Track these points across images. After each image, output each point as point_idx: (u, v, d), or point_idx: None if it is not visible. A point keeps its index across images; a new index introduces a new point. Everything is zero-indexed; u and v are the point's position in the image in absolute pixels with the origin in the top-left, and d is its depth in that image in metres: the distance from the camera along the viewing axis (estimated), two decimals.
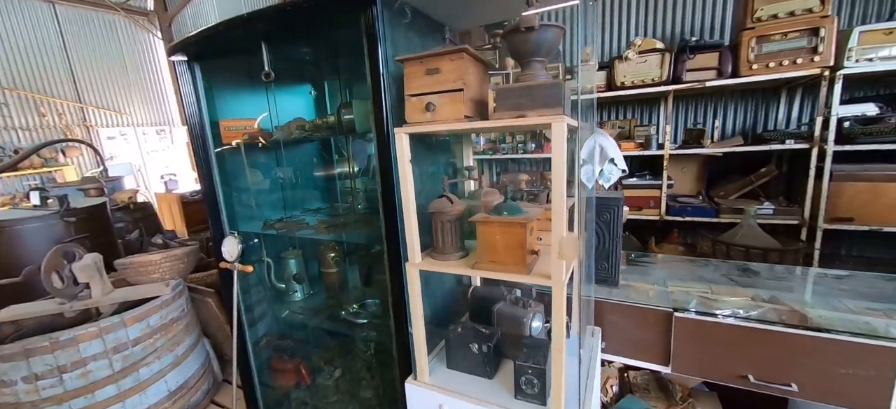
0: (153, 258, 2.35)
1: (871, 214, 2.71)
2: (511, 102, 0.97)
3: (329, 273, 1.93)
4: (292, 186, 2.29)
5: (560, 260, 0.96)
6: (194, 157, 1.86)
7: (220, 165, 1.91)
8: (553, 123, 0.90)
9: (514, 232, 1.03)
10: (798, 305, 1.52)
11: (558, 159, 0.91)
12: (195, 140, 1.83)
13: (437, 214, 1.18)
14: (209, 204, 1.90)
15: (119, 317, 2.08)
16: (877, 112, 2.77)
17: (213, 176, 1.86)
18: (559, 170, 0.91)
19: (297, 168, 2.29)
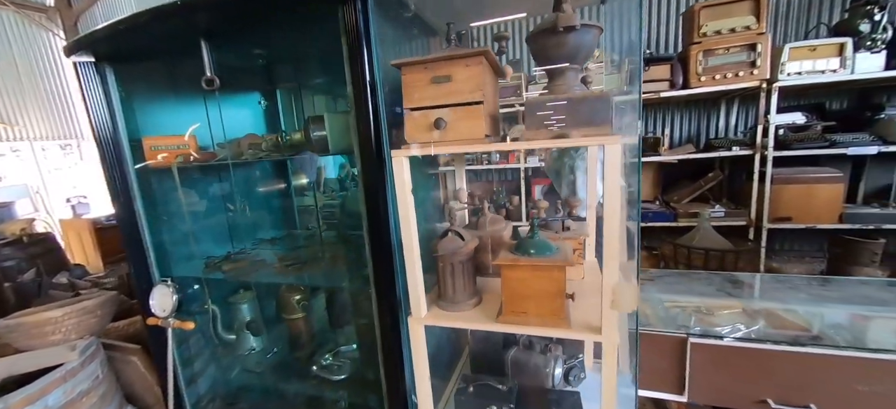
0: (51, 315, 1.79)
1: (806, 213, 2.93)
2: (548, 119, 0.77)
3: (293, 320, 1.58)
4: (242, 212, 1.89)
5: (614, 311, 0.77)
6: (109, 188, 1.41)
7: (146, 194, 1.48)
8: (607, 146, 0.71)
9: (550, 277, 0.82)
10: (794, 316, 1.51)
11: (613, 189, 0.72)
12: (109, 166, 1.39)
13: (445, 257, 0.94)
14: (131, 248, 1.46)
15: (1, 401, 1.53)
16: (804, 121, 3.02)
17: (134, 211, 1.43)
18: (614, 202, 0.72)
19: (246, 191, 1.90)
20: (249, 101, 1.97)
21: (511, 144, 0.80)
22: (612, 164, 0.71)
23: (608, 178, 0.71)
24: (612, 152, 0.71)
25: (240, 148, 1.37)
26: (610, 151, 0.71)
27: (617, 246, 0.75)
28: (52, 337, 1.82)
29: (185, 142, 1.47)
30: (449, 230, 0.95)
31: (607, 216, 0.73)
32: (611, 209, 0.72)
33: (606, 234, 0.74)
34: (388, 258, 1.03)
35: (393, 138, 0.94)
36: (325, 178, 1.97)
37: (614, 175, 0.71)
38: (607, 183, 0.71)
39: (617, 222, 0.73)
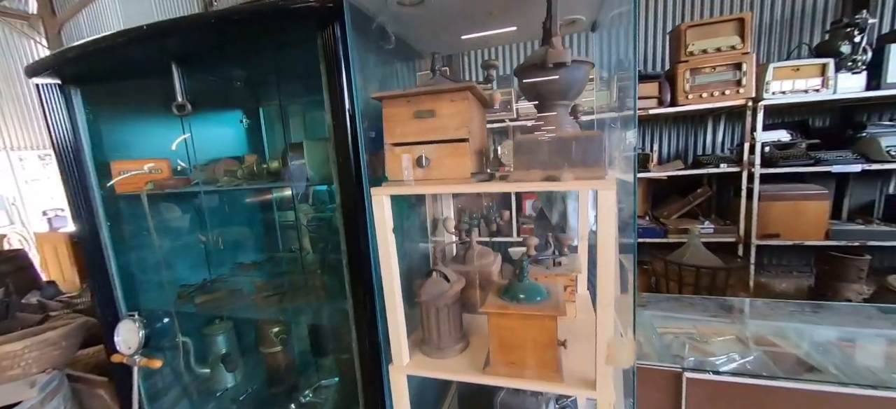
0: (10, 349, 1.66)
1: (793, 229, 2.94)
2: (536, 160, 0.71)
3: (272, 354, 1.48)
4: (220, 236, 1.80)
5: (610, 366, 0.71)
6: (72, 217, 1.32)
7: (114, 221, 1.39)
8: (600, 190, 0.66)
9: (541, 327, 0.76)
10: (788, 343, 1.47)
11: (608, 236, 0.67)
12: (73, 193, 1.30)
13: (429, 301, 0.87)
14: (96, 280, 1.36)
15: None
16: (789, 138, 3.05)
17: (100, 241, 1.33)
18: (609, 251, 0.67)
19: (224, 216, 1.81)
20: (231, 119, 1.90)
21: (498, 185, 0.74)
22: (606, 210, 0.66)
23: (602, 226, 0.66)
24: (606, 198, 0.66)
25: (214, 174, 1.29)
26: (604, 197, 0.66)
27: (611, 296, 0.69)
28: (11, 372, 1.69)
29: (158, 166, 1.38)
30: (433, 271, 0.89)
31: (601, 266, 0.67)
32: (605, 259, 0.67)
33: (600, 284, 0.69)
34: (370, 299, 0.96)
35: (375, 170, 0.87)
36: (314, 189, 1.89)
37: (609, 222, 0.66)
38: (601, 232, 0.66)
39: (612, 271, 0.68)
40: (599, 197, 0.66)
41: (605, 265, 0.67)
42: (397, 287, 0.84)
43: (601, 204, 0.66)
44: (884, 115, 3.04)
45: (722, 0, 3.32)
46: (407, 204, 1.18)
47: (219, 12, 0.91)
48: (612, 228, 0.66)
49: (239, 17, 0.91)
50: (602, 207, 0.66)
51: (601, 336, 0.70)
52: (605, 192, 0.66)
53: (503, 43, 3.26)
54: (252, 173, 1.18)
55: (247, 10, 0.92)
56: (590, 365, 0.81)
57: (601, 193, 0.66)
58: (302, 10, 0.85)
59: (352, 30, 0.81)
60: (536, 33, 0.75)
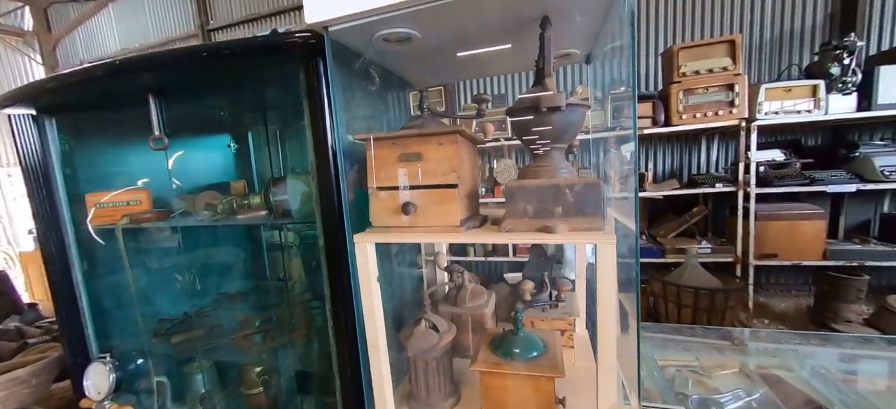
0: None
1: (790, 249, 2.91)
2: (530, 208, 0.66)
3: (253, 396, 1.39)
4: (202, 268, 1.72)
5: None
6: (43, 253, 1.24)
7: (88, 255, 1.31)
8: (600, 246, 0.61)
9: (538, 388, 0.70)
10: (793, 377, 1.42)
11: (608, 297, 0.61)
12: (44, 228, 1.22)
13: (418, 354, 0.81)
14: (65, 320, 1.28)
15: None
16: (783, 158, 3.05)
17: (71, 279, 1.25)
18: (609, 312, 0.61)
19: (207, 243, 1.74)
20: (218, 143, 1.84)
21: (488, 235, 0.68)
22: (605, 268, 0.60)
23: (602, 286, 0.60)
24: (606, 254, 0.60)
25: (195, 207, 1.23)
26: (603, 253, 0.60)
27: (613, 363, 0.63)
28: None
29: (137, 198, 1.31)
30: (422, 319, 0.83)
31: (602, 328, 0.62)
32: (605, 322, 0.61)
33: (601, 350, 0.63)
34: (354, 347, 0.89)
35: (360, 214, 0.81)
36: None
37: (608, 280, 0.60)
38: (601, 292, 0.60)
39: (612, 340, 0.62)
40: (599, 253, 0.61)
41: (606, 331, 0.61)
42: (382, 342, 0.78)
43: (601, 260, 0.61)
44: (875, 134, 3.05)
45: (712, 21, 3.36)
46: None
47: (196, 48, 0.86)
48: (612, 287, 0.61)
49: (219, 52, 0.86)
50: (602, 263, 0.61)
51: (603, 404, 0.64)
52: (604, 247, 0.60)
53: (500, 72, 3.27)
54: (232, 209, 1.12)
55: (228, 45, 0.87)
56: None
57: (600, 249, 0.61)
58: (284, 46, 0.80)
59: (334, 66, 0.76)
60: (530, 63, 0.71)
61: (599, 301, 0.61)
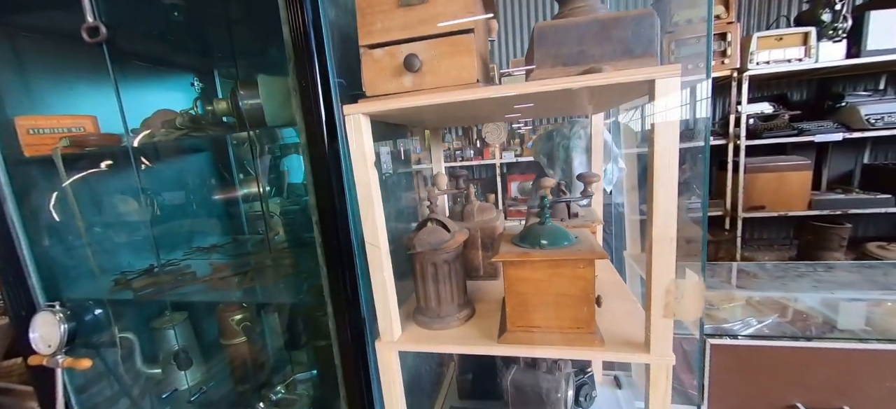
0: None
1: (777, 201, 2.92)
2: (568, 50, 0.52)
3: (235, 345, 1.24)
4: (170, 216, 1.53)
5: (668, 320, 0.54)
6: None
7: (25, 193, 1.11)
8: (659, 80, 0.48)
9: (574, 276, 0.58)
10: (802, 306, 1.37)
11: (667, 146, 0.49)
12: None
13: (426, 253, 0.67)
14: (3, 265, 1.08)
15: None
16: (771, 110, 3.03)
17: (5, 218, 1.05)
18: (670, 163, 0.49)
19: (174, 186, 1.54)
20: (181, 83, 1.62)
21: (517, 87, 0.54)
22: (667, 109, 0.48)
23: (661, 132, 0.48)
24: (667, 89, 0.48)
25: (150, 128, 1.04)
26: (664, 88, 0.48)
27: (672, 226, 0.51)
28: None
29: (80, 124, 1.11)
30: (428, 220, 0.69)
31: (658, 185, 0.49)
32: (664, 177, 0.49)
33: (657, 211, 0.51)
34: (348, 261, 0.75)
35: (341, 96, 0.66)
36: (287, 183, 1.66)
37: (670, 128, 0.48)
38: (660, 139, 0.48)
39: (673, 190, 0.50)
40: (659, 89, 0.48)
41: (666, 184, 0.49)
42: (383, 238, 0.64)
43: (660, 96, 0.48)
44: (859, 86, 3.06)
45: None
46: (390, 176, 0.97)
47: None
48: (674, 135, 0.48)
49: None
50: (662, 104, 0.48)
51: (657, 281, 0.52)
52: (666, 81, 0.48)
53: None
54: (194, 121, 0.94)
55: None
56: (629, 328, 0.63)
57: (660, 85, 0.48)
58: None
59: None
60: None
61: (659, 151, 0.48)
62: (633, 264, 1.01)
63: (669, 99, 0.48)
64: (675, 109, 0.48)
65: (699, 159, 0.72)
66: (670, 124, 0.48)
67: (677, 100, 0.48)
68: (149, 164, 1.36)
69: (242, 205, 1.72)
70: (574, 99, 0.69)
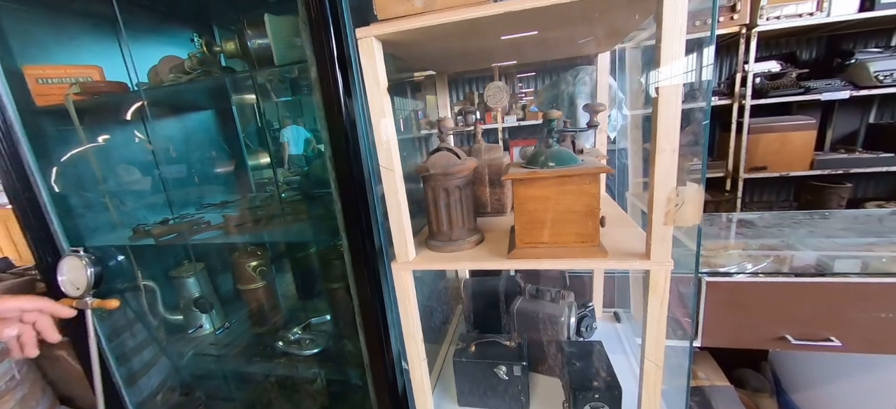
0: None
1: (780, 162, 2.93)
2: None
3: (252, 290, 1.30)
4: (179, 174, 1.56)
5: (668, 227, 0.57)
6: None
7: (40, 146, 1.13)
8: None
9: (581, 192, 0.61)
10: (799, 252, 1.41)
11: (674, 49, 0.51)
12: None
13: (438, 177, 0.70)
14: (26, 214, 1.11)
15: None
16: (779, 69, 2.98)
17: (24, 168, 1.07)
18: (674, 67, 0.51)
19: (184, 138, 1.56)
20: (177, 39, 1.60)
21: (527, 0, 0.55)
22: (679, 7, 0.49)
23: (669, 14, 0.50)
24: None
25: (158, 76, 1.05)
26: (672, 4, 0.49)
27: (675, 140, 0.54)
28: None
29: (87, 74, 1.12)
30: (440, 148, 0.72)
31: (662, 99, 0.52)
32: (668, 96, 0.51)
33: (661, 122, 0.53)
34: (361, 191, 0.79)
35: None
36: (289, 154, 1.68)
37: (678, 13, 0.50)
38: (667, 29, 0.50)
39: (677, 99, 0.52)
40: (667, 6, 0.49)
41: (667, 97, 0.51)
42: (397, 162, 0.66)
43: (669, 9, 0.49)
44: (870, 42, 3.00)
45: None
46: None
47: None
48: (680, 24, 0.50)
49: None
50: (671, 9, 0.49)
51: (659, 189, 0.55)
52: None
53: None
54: (202, 63, 0.95)
55: None
56: (630, 245, 0.67)
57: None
58: None
59: None
60: None
61: (663, 45, 0.50)
62: (636, 201, 1.04)
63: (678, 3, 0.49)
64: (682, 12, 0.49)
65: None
66: (677, 9, 0.49)
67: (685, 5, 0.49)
68: (157, 116, 1.38)
69: (249, 165, 1.75)
70: (580, 24, 0.70)
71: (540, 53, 1.01)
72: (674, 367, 0.77)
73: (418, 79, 1.10)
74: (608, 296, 1.23)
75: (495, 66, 3.12)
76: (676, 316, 1.21)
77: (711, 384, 1.53)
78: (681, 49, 0.51)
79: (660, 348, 0.65)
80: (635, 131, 1.13)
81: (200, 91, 1.48)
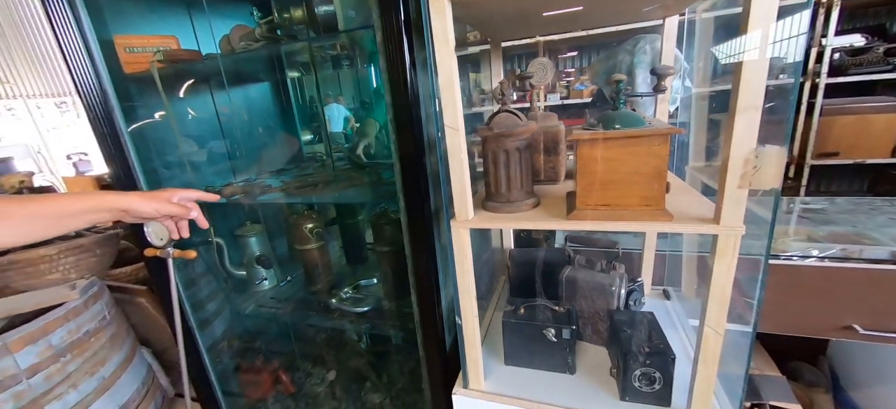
0: (45, 252, 1.64)
1: (855, 148, 2.66)
2: None
3: (307, 251, 1.40)
4: (242, 142, 1.69)
5: (742, 190, 0.56)
6: (83, 102, 1.19)
7: (128, 107, 1.27)
8: None
9: (649, 153, 0.61)
10: (871, 241, 1.30)
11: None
12: (79, 70, 1.16)
13: (501, 138, 0.72)
14: (116, 166, 1.26)
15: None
16: (863, 43, 2.67)
17: (115, 128, 1.21)
18: (764, 27, 0.50)
19: (247, 108, 1.69)
20: (236, 13, 1.70)
21: None
22: None
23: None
24: None
25: (230, 44, 1.13)
26: None
27: (759, 98, 0.52)
28: (50, 276, 1.68)
29: (171, 43, 1.23)
30: (502, 110, 0.73)
31: (748, 61, 0.50)
32: (754, 51, 0.49)
33: (745, 79, 0.52)
34: (420, 155, 0.83)
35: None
36: (330, 131, 1.76)
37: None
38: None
39: (764, 61, 0.51)
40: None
41: (753, 55, 0.49)
42: (461, 122, 0.69)
43: None
44: None
45: None
46: None
47: None
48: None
49: None
50: None
51: (737, 149, 0.54)
52: None
53: None
54: (272, 29, 1.02)
55: None
56: (695, 212, 0.66)
57: None
58: None
59: None
60: None
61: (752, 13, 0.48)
62: (697, 174, 1.01)
63: None
64: None
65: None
66: None
67: None
68: (222, 85, 1.49)
69: (301, 140, 1.85)
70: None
71: (605, 15, 0.99)
72: (726, 352, 0.75)
73: (471, 51, 1.11)
74: (657, 274, 1.21)
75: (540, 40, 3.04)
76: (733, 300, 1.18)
77: (762, 373, 1.47)
78: (770, 20, 0.49)
79: (722, 314, 0.64)
80: (701, 102, 1.08)
81: (262, 61, 1.58)
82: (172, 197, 0.82)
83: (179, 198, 0.83)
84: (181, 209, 0.83)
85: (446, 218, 0.77)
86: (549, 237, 1.47)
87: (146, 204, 0.77)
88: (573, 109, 3.28)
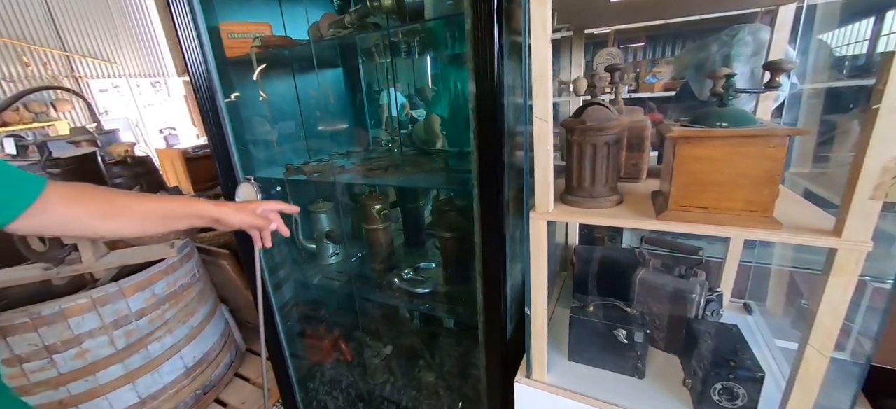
0: None
1: None
2: None
3: (373, 231, 1.49)
4: (317, 123, 1.82)
5: (874, 203, 0.51)
6: (192, 79, 1.36)
7: (226, 87, 1.42)
8: None
9: (762, 156, 0.57)
10: None
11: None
12: (190, 50, 1.32)
13: (591, 131, 0.71)
14: (215, 143, 1.43)
15: (115, 285, 1.67)
16: None
17: (217, 108, 1.37)
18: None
19: (321, 100, 1.81)
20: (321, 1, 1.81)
21: None
22: None
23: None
24: None
25: (319, 31, 1.22)
26: None
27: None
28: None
29: (265, 29, 1.35)
30: (593, 102, 0.72)
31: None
32: None
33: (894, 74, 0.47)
34: (499, 145, 0.84)
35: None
36: (386, 116, 1.82)
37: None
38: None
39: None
40: None
41: None
42: (550, 113, 0.69)
43: None
44: None
45: None
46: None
47: None
48: None
49: None
50: None
51: (874, 157, 0.49)
52: None
53: None
54: (361, 17, 1.08)
55: None
56: (804, 220, 0.61)
57: None
58: None
59: None
60: None
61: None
62: (799, 180, 0.92)
63: None
64: None
65: None
66: None
67: None
68: (305, 70, 1.61)
69: (369, 123, 1.94)
70: None
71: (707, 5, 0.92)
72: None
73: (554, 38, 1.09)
74: (738, 286, 1.13)
75: (611, 29, 2.87)
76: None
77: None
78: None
79: (830, 336, 0.59)
80: (812, 101, 0.98)
81: (340, 48, 1.68)
82: (258, 209, 0.90)
83: (263, 210, 0.91)
84: (264, 221, 0.91)
85: (525, 209, 0.78)
86: (614, 237, 1.42)
87: (235, 215, 0.87)
88: (640, 104, 3.08)
